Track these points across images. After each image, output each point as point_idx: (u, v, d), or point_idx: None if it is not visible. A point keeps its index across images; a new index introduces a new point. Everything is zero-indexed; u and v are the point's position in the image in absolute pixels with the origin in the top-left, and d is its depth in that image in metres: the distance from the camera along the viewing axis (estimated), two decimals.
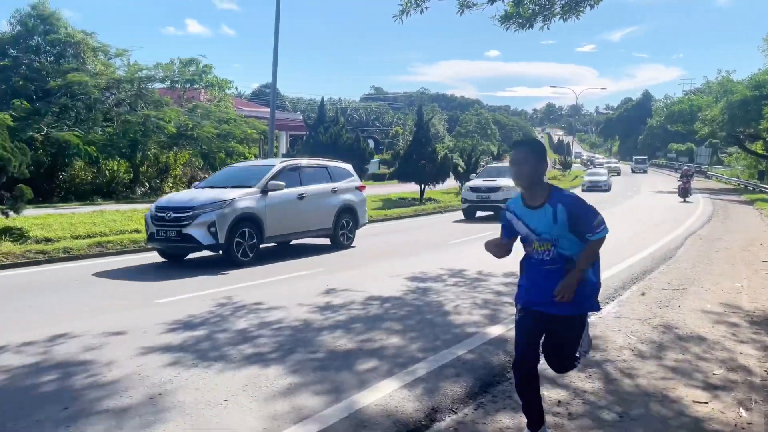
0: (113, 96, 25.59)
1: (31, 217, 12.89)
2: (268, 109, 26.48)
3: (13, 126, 20.10)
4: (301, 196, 10.75)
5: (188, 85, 28.80)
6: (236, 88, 42.79)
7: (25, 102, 22.18)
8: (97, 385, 4.13)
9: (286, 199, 10.45)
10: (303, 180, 11.05)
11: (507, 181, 17.20)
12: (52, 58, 25.63)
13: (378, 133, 69.87)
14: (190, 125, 25.56)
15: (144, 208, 16.30)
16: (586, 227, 3.08)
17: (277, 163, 11.05)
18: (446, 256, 10.48)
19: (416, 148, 25.39)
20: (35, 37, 25.49)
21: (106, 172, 24.27)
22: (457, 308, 6.44)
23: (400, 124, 75.12)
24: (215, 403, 3.83)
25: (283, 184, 10.34)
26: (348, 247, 11.74)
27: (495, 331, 5.52)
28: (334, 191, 11.58)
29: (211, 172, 30.12)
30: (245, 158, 32.91)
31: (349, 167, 12.83)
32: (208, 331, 5.53)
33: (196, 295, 7.20)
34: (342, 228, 11.68)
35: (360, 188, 12.51)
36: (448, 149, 44.55)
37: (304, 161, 12.05)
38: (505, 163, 20.95)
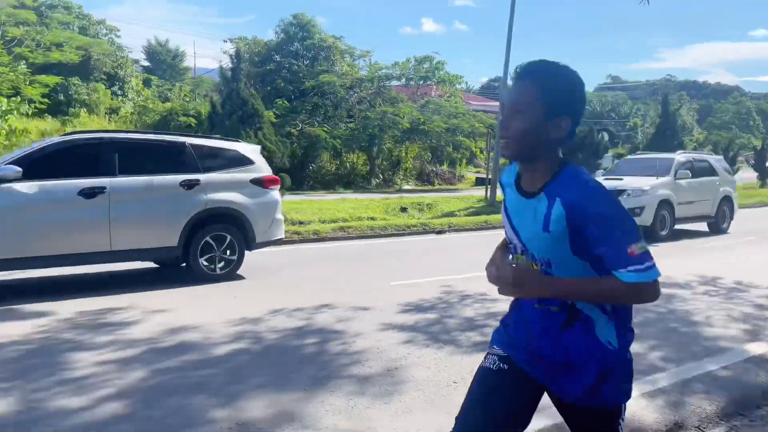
0: (355, 94, 28.05)
1: (287, 203, 14.78)
2: (496, 103, 26.51)
3: (275, 122, 23.40)
4: (90, 193, 6.41)
5: (421, 82, 30.23)
6: (465, 83, 43.63)
7: (285, 101, 25.55)
8: (345, 353, 4.62)
9: (42, 197, 6.24)
10: (113, 166, 6.63)
11: (640, 182, 12.08)
12: (308, 61, 28.95)
13: (613, 125, 65.33)
14: (422, 120, 26.85)
15: (379, 198, 17.61)
16: (609, 252, 1.53)
17: (48, 140, 7.01)
18: (696, 261, 9.40)
19: (659, 141, 23.28)
20: (294, 43, 29.07)
21: (347, 164, 26.73)
22: (709, 319, 5.76)
23: (639, 116, 69.26)
24: (445, 383, 4.00)
25: (20, 170, 6.06)
26: (227, 278, 7.29)
27: (756, 348, 4.83)
28: (189, 186, 7.01)
29: (438, 166, 31.32)
30: (471, 152, 33.44)
31: (246, 147, 7.89)
32: (438, 315, 5.78)
33: (423, 280, 7.56)
34: (208, 250, 7.19)
35: (264, 182, 7.66)
36: (697, 143, 40.01)
37: (122, 134, 7.63)
38: (651, 155, 15.01)
